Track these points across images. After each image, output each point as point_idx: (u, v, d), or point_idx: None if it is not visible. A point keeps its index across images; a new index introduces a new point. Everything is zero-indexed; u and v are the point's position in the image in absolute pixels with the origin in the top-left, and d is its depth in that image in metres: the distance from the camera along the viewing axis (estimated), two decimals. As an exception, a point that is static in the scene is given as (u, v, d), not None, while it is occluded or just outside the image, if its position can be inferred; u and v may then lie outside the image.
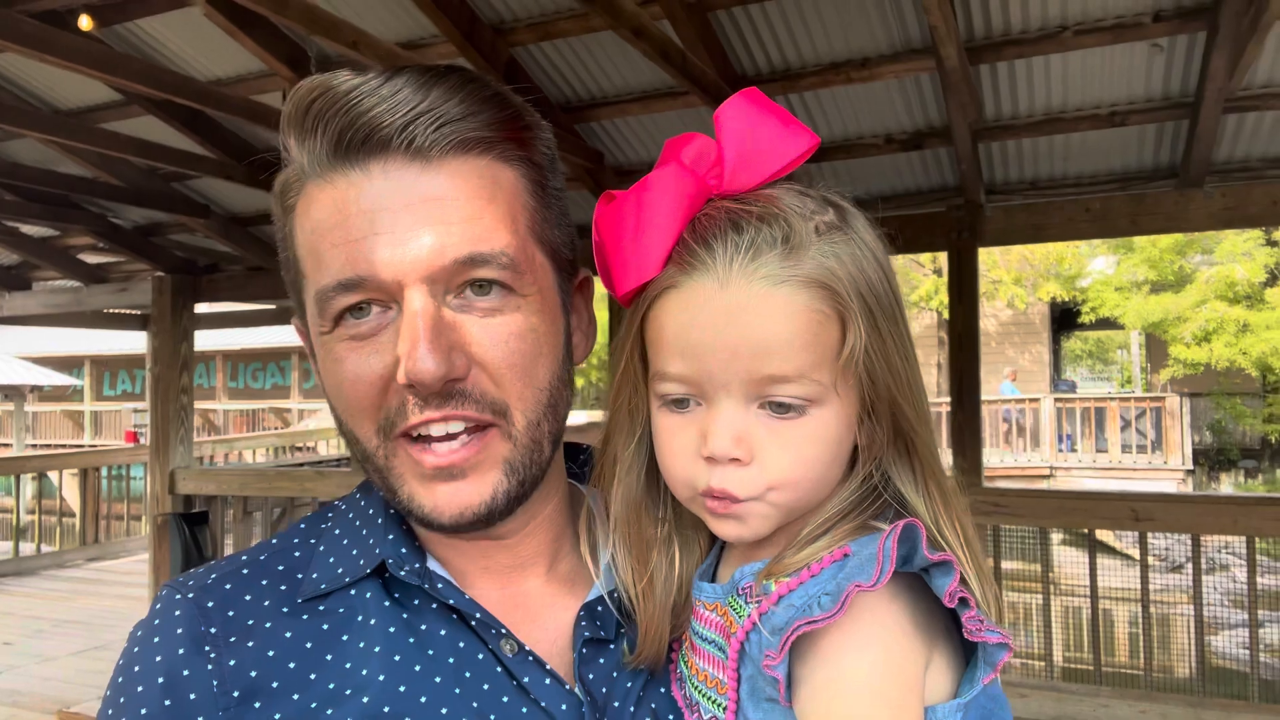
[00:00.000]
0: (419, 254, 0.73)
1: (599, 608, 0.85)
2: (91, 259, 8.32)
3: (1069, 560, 9.77)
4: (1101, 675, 5.31)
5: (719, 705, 0.76)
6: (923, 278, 19.48)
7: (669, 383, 0.75)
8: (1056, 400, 18.17)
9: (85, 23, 4.30)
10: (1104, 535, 8.60)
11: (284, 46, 4.61)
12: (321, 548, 0.84)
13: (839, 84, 4.77)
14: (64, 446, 21.59)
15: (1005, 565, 5.66)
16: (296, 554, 0.84)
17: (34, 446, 21.69)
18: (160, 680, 0.74)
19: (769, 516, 0.75)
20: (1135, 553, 5.59)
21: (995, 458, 17.36)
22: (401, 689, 0.75)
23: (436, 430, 0.75)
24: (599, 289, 0.91)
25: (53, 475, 10.79)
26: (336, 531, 0.86)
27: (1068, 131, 4.95)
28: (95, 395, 27.19)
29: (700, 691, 0.79)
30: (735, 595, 0.77)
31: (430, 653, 0.78)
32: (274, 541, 0.86)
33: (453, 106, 0.74)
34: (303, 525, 0.88)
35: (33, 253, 8.02)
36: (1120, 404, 17.82)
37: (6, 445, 21.82)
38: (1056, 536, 9.23)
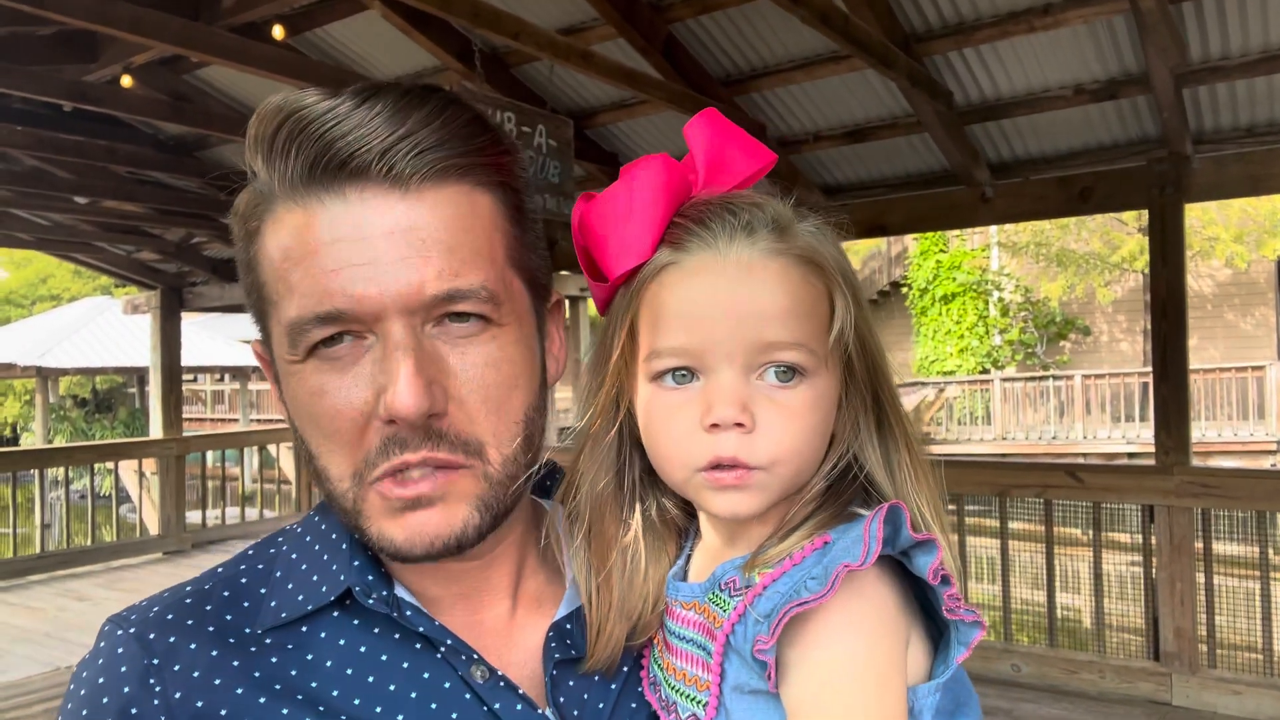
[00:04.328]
0: (399, 287, 0.71)
1: (568, 625, 0.83)
2: (297, 250, 9.01)
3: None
4: (1333, 675, 4.78)
5: (699, 703, 0.77)
6: (1125, 237, 18.00)
7: (667, 358, 0.76)
8: (1286, 368, 16.36)
9: (278, 32, 4.63)
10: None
11: (454, 42, 4.80)
12: (278, 573, 0.81)
13: (1020, 34, 4.46)
14: (282, 422, 23.56)
15: (1218, 549, 5.17)
16: (244, 580, 0.81)
17: (257, 421, 23.87)
18: None
19: (770, 489, 0.76)
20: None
21: (1213, 431, 15.89)
22: None
23: (415, 473, 0.74)
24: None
25: (272, 448, 11.84)
26: (294, 557, 0.83)
27: (1290, 69, 4.42)
28: (309, 374, 29.46)
29: (678, 691, 0.80)
30: (717, 591, 0.78)
31: (391, 688, 0.76)
32: (219, 570, 0.83)
33: (432, 133, 0.72)
34: (250, 551, 0.85)
35: (247, 246, 8.79)
36: (1365, 371, 15.81)
37: (234, 420, 24.17)
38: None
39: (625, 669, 0.84)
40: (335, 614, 0.78)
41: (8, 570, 8.17)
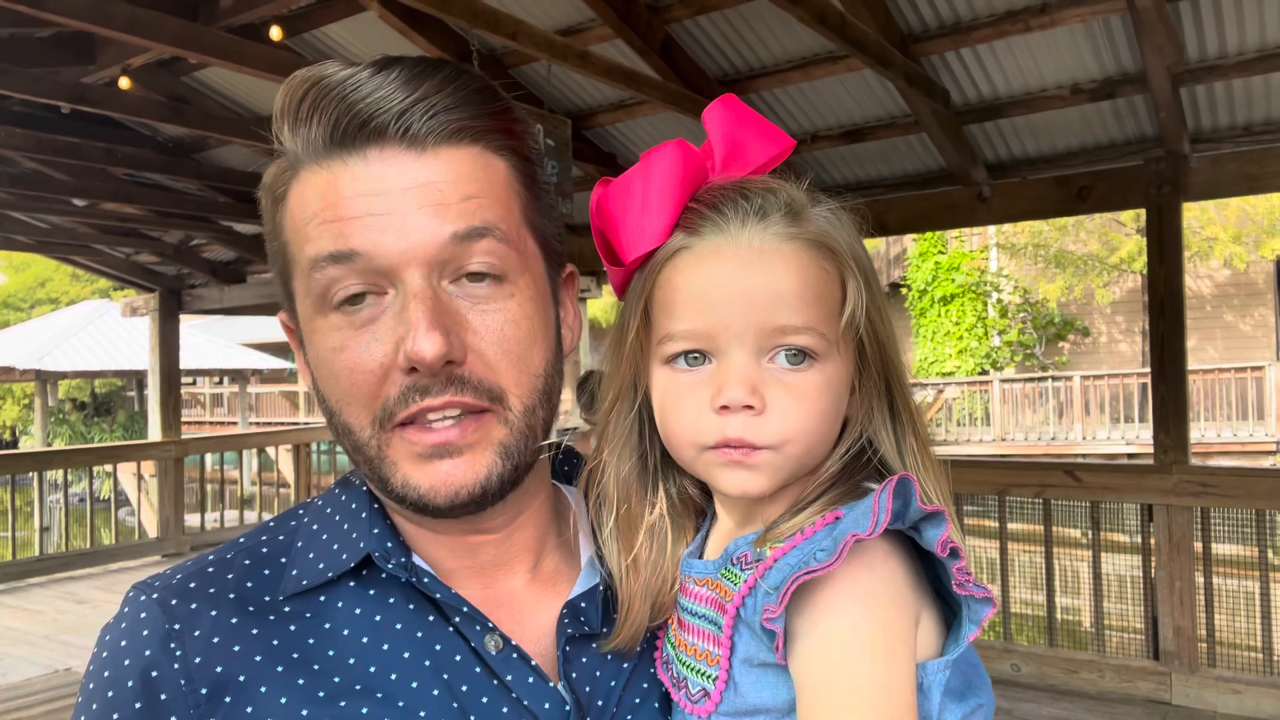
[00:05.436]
0: (419, 237, 0.73)
1: (583, 603, 0.84)
2: (295, 252, 9.02)
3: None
4: (1333, 673, 4.78)
5: (709, 677, 0.78)
6: (1124, 238, 18.01)
7: (680, 341, 0.77)
8: (1285, 368, 16.34)
9: (276, 33, 4.63)
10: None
11: (451, 42, 4.80)
12: (299, 543, 0.83)
13: (1016, 34, 4.46)
14: (281, 424, 23.62)
15: (1217, 548, 5.16)
16: (265, 550, 0.83)
17: (255, 424, 23.87)
18: (130, 684, 0.73)
19: (780, 469, 0.77)
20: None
21: (1213, 432, 15.90)
22: (379, 695, 0.75)
23: (434, 417, 0.75)
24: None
25: (271, 450, 11.84)
26: (315, 527, 0.84)
27: (1287, 68, 4.42)
28: (308, 377, 29.45)
29: (689, 666, 0.80)
30: (729, 566, 0.79)
31: (406, 655, 0.77)
32: (241, 540, 0.85)
33: (445, 96, 0.75)
34: (272, 523, 0.86)
35: (246, 249, 8.81)
36: (1364, 371, 15.80)
37: (232, 423, 24.16)
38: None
39: (639, 649, 0.85)
40: (352, 584, 0.80)
41: (7, 573, 8.15)
